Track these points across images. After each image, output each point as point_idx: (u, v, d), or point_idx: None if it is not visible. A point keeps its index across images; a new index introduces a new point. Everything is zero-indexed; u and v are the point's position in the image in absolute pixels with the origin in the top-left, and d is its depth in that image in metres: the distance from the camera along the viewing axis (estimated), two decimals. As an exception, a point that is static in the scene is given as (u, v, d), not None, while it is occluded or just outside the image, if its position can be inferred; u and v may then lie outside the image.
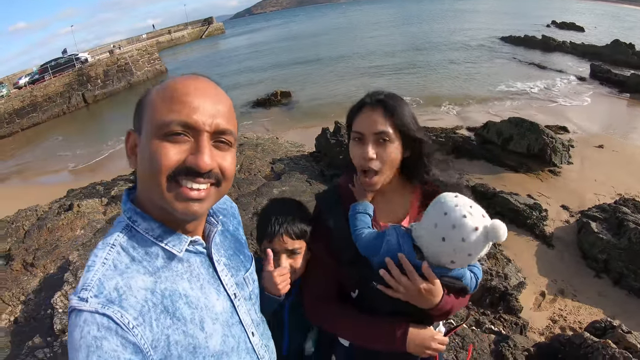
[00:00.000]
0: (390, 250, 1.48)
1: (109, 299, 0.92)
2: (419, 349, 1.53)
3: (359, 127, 1.60)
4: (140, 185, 1.09)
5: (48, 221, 7.84)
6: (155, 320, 0.97)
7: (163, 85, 1.07)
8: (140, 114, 1.07)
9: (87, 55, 36.27)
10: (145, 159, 1.01)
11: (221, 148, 1.06)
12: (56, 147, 20.93)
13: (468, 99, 18.48)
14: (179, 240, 1.10)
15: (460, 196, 1.42)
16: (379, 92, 1.64)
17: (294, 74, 29.22)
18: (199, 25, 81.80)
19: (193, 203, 1.02)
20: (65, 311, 5.23)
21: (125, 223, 1.08)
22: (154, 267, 1.04)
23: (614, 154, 11.30)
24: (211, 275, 1.19)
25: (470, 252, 1.35)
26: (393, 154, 1.58)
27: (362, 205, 1.63)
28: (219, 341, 1.11)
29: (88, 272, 0.96)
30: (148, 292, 0.99)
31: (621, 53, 23.66)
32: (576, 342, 3.39)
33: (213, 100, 1.05)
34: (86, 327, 0.87)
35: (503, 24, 44.09)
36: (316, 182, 8.62)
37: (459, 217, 1.35)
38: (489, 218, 1.35)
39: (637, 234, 6.56)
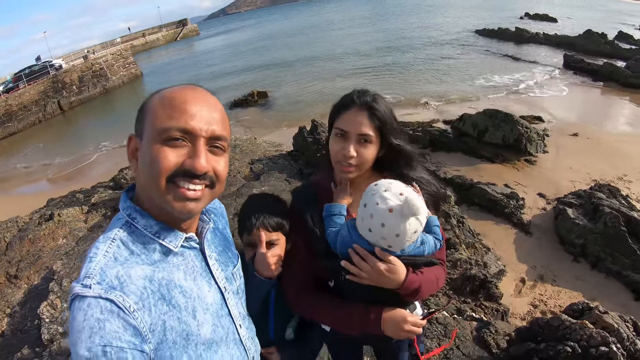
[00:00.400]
0: (344, 243, 1.57)
1: (111, 286, 0.98)
2: (393, 331, 1.60)
3: (343, 125, 1.69)
4: (140, 186, 1.17)
5: (29, 232, 7.74)
6: (153, 306, 1.04)
7: (163, 94, 1.14)
8: (142, 120, 1.14)
9: (62, 61, 35.60)
10: (147, 162, 1.09)
11: (216, 153, 1.15)
12: (33, 156, 20.50)
13: (445, 93, 18.63)
14: (175, 236, 1.18)
15: (380, 182, 1.50)
16: (367, 94, 1.72)
17: (270, 74, 29.13)
18: (173, 27, 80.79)
19: (189, 202, 1.11)
20: (52, 320, 5.20)
21: (125, 220, 1.15)
22: (152, 260, 1.12)
23: (588, 141, 11.55)
24: (203, 268, 1.27)
25: (396, 233, 1.42)
26: (372, 154, 1.70)
27: (337, 207, 1.71)
28: (209, 330, 1.18)
29: (90, 263, 1.02)
30: (146, 280, 1.06)
31: (594, 43, 24.07)
32: (554, 324, 3.50)
33: (209, 109, 1.14)
34: (90, 310, 0.93)
35: (476, 17, 44.46)
36: (295, 181, 8.66)
37: (373, 205, 1.43)
38: (410, 193, 1.42)
39: (613, 218, 6.74)
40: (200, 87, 1.19)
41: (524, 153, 10.42)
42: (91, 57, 36.57)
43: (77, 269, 6.13)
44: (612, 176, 9.37)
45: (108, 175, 13.49)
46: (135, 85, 36.45)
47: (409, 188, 1.47)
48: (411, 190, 1.46)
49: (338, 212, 1.70)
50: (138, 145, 1.14)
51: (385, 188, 1.44)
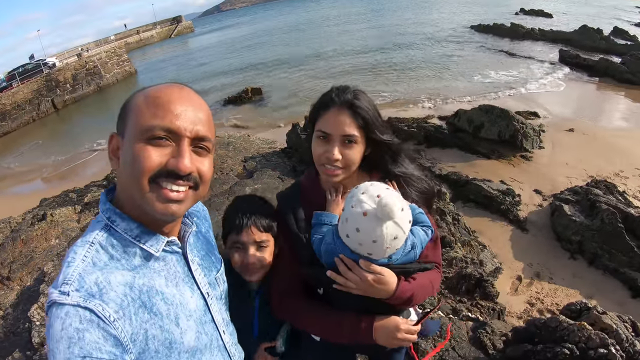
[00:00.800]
0: (328, 250, 1.51)
1: (90, 293, 0.94)
2: (386, 340, 1.54)
3: (325, 127, 1.60)
4: (121, 187, 1.14)
5: (22, 232, 7.70)
6: (134, 315, 1.00)
7: (147, 92, 1.11)
8: (124, 118, 1.11)
9: (55, 59, 35.40)
10: (128, 161, 1.06)
11: (200, 154, 1.13)
12: (27, 155, 20.43)
13: (441, 89, 18.59)
14: (157, 240, 1.15)
15: (361, 185, 1.42)
16: (346, 90, 1.63)
17: (264, 71, 29.03)
18: (167, 24, 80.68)
19: (172, 204, 1.08)
20: (42, 324, 5.14)
21: (104, 223, 1.11)
22: (132, 265, 1.08)
23: (584, 137, 11.51)
24: (186, 274, 1.24)
25: (372, 238, 1.35)
26: (357, 154, 1.61)
27: (328, 217, 1.64)
28: (193, 337, 1.15)
29: (68, 268, 0.98)
30: (127, 287, 1.02)
31: (589, 38, 24.06)
32: (552, 325, 3.44)
33: (194, 108, 1.11)
34: (68, 319, 0.89)
35: (472, 13, 44.47)
36: (288, 178, 8.62)
37: (349, 209, 1.37)
38: (389, 196, 1.35)
39: (610, 214, 6.71)
40: (186, 86, 1.16)
41: (520, 149, 10.40)
42: (85, 55, 36.38)
43: (69, 270, 6.08)
44: (609, 172, 9.34)
45: (102, 174, 13.45)
46: (130, 83, 36.31)
47: (390, 190, 1.39)
48: (391, 192, 1.38)
49: (328, 222, 1.62)
50: (120, 144, 1.11)
51: (364, 190, 1.38)
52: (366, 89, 1.72)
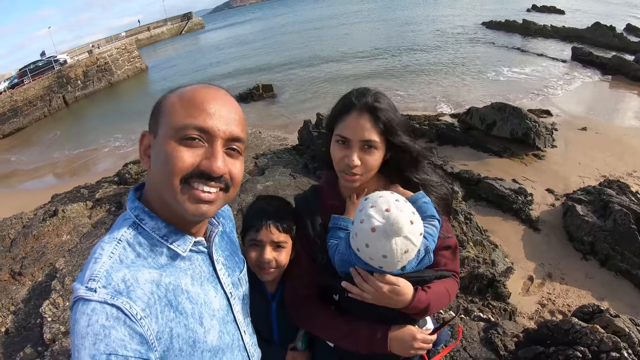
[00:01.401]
0: (342, 260, 1.49)
1: (117, 290, 0.94)
2: (401, 350, 1.52)
3: (344, 132, 1.56)
4: (151, 185, 1.14)
5: (34, 228, 7.76)
6: (160, 313, 1.00)
7: (182, 92, 1.12)
8: (157, 117, 1.12)
9: (66, 56, 35.69)
10: (160, 160, 1.06)
11: (232, 155, 1.13)
12: (38, 151, 20.61)
13: (453, 86, 18.49)
14: (184, 240, 1.15)
15: (371, 196, 1.40)
16: (366, 93, 1.58)
17: (275, 68, 28.91)
18: (178, 20, 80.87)
19: (203, 205, 1.08)
20: (54, 319, 5.19)
21: (132, 220, 1.11)
22: (158, 264, 1.08)
23: (597, 136, 11.39)
24: (211, 273, 1.24)
25: (382, 254, 1.32)
26: (377, 160, 1.57)
27: (345, 221, 1.61)
28: (216, 336, 1.16)
29: (95, 264, 0.98)
30: (153, 285, 1.02)
31: (602, 35, 23.78)
32: (564, 327, 3.42)
33: (228, 109, 1.11)
34: (94, 316, 0.89)
35: (483, 9, 44.13)
36: (300, 176, 8.61)
37: (358, 224, 1.35)
38: (398, 209, 1.31)
39: (623, 215, 6.64)
40: (220, 88, 1.16)
41: (533, 147, 10.32)
42: (96, 51, 36.59)
43: (80, 266, 6.12)
44: (622, 172, 9.25)
45: (113, 171, 13.55)
46: (141, 79, 36.55)
47: (400, 201, 1.35)
48: (401, 204, 1.34)
49: (344, 227, 1.59)
50: (151, 143, 1.11)
51: (372, 203, 1.35)
52: (378, 86, 1.69)
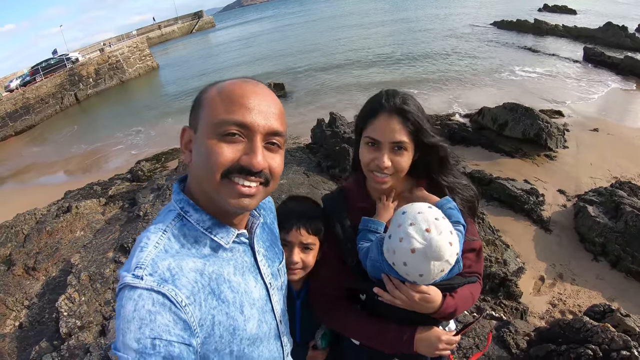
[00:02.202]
0: (374, 266, 1.51)
1: (163, 278, 0.98)
2: (427, 350, 1.55)
3: (374, 134, 1.58)
4: (194, 179, 1.17)
5: (47, 224, 7.84)
6: (204, 301, 1.03)
7: (221, 87, 1.13)
8: (197, 112, 1.14)
9: (78, 54, 35.99)
10: (202, 155, 1.08)
11: (272, 149, 1.14)
12: (50, 147, 20.79)
13: (465, 86, 18.43)
14: (227, 232, 1.18)
15: (408, 211, 1.40)
16: (395, 95, 1.60)
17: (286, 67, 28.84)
18: (189, 19, 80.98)
19: (245, 199, 1.10)
20: (70, 314, 5.26)
21: (177, 212, 1.14)
22: (202, 254, 1.11)
23: (609, 137, 11.31)
24: (252, 264, 1.27)
25: (419, 273, 1.35)
26: (407, 161, 1.60)
27: (375, 224, 1.63)
28: (255, 325, 1.19)
29: (141, 252, 1.02)
30: (197, 273, 1.06)
31: (614, 35, 23.56)
32: (576, 326, 3.44)
33: (267, 103, 1.12)
34: (141, 301, 0.93)
35: (495, 8, 43.82)
36: (313, 174, 8.66)
37: (397, 241, 1.36)
38: (437, 230, 1.33)
39: (634, 217, 6.60)
40: (258, 82, 1.18)
41: (544, 148, 10.28)
42: (107, 49, 36.84)
43: (95, 261, 6.20)
44: (633, 173, 9.18)
45: (125, 168, 13.65)
46: (152, 77, 36.67)
47: (439, 220, 1.36)
48: (440, 224, 1.35)
49: (375, 229, 1.62)
50: (192, 137, 1.14)
51: (412, 220, 1.35)
52: (392, 87, 1.71)
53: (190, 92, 26.08)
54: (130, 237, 6.48)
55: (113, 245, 6.61)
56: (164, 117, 21.11)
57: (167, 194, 7.51)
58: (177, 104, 23.67)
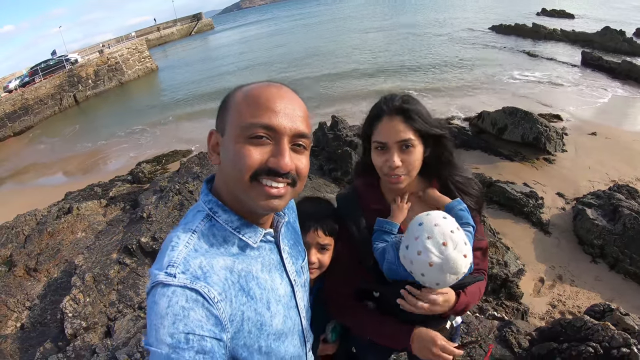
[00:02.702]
0: (391, 269, 1.58)
1: (195, 276, 1.01)
2: (420, 351, 1.59)
3: (380, 137, 1.63)
4: (222, 181, 1.19)
5: (48, 225, 7.85)
6: (234, 297, 1.07)
7: (247, 90, 1.16)
8: (224, 116, 1.17)
9: (77, 55, 35.87)
10: (230, 158, 1.11)
11: (298, 151, 1.17)
12: (50, 148, 20.74)
13: (464, 90, 18.51)
14: (255, 232, 1.21)
15: (425, 222, 1.45)
16: (394, 98, 1.65)
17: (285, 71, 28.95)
18: (188, 21, 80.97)
19: (274, 200, 1.12)
20: (75, 315, 5.28)
21: (206, 213, 1.17)
22: (230, 253, 1.14)
23: (606, 141, 11.39)
24: (278, 261, 1.30)
25: (435, 282, 1.42)
26: (418, 157, 1.64)
27: (390, 225, 1.69)
28: (280, 321, 1.22)
29: (172, 251, 1.05)
30: (227, 271, 1.09)
31: (612, 40, 23.68)
32: (577, 325, 3.50)
33: (293, 106, 1.15)
34: (174, 298, 0.95)
35: (493, 12, 43.99)
36: (315, 177, 8.70)
37: (415, 254, 1.41)
38: (453, 243, 1.39)
39: (632, 219, 6.68)
40: (283, 85, 1.20)
41: (543, 152, 10.37)
42: (107, 51, 36.77)
43: (99, 263, 6.22)
44: (631, 177, 9.26)
45: (125, 169, 13.65)
46: (151, 79, 36.63)
47: (455, 232, 1.42)
48: (456, 236, 1.41)
49: (389, 230, 1.68)
50: (219, 140, 1.17)
51: (429, 234, 1.41)
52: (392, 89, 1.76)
53: (190, 94, 26.16)
54: (134, 239, 6.49)
55: (117, 246, 6.62)
56: (164, 119, 21.11)
57: (170, 196, 7.52)
58: (177, 106, 23.73)
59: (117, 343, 4.41)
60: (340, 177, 8.98)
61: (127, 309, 5.43)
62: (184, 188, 7.66)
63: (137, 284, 5.81)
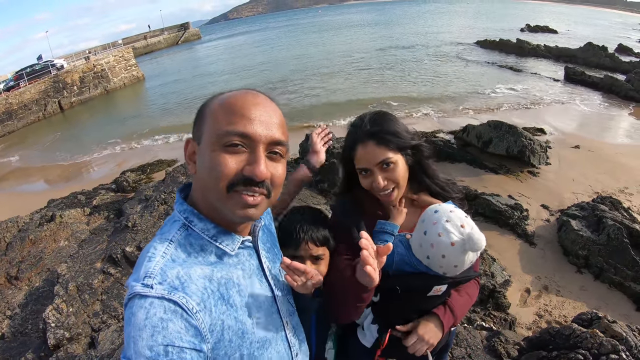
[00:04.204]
0: (401, 260, 1.62)
1: (173, 286, 1.00)
2: None
3: (361, 164, 1.72)
4: (198, 189, 1.18)
5: (30, 232, 7.70)
6: (214, 307, 1.05)
7: (222, 99, 1.16)
8: (200, 124, 1.16)
9: (63, 61, 35.48)
10: (206, 167, 1.10)
11: (274, 159, 1.16)
12: (33, 154, 20.39)
13: (449, 104, 18.69)
14: (232, 240, 1.20)
15: (440, 210, 1.53)
16: (363, 122, 1.73)
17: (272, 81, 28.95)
18: (175, 30, 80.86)
19: (250, 209, 1.11)
20: (58, 325, 5.16)
21: (182, 222, 1.16)
22: (208, 262, 1.13)
23: (589, 153, 11.61)
24: (257, 266, 1.29)
25: (454, 264, 1.48)
26: (401, 172, 1.71)
27: (390, 226, 1.73)
28: (262, 327, 1.20)
29: (149, 262, 1.04)
30: (206, 280, 1.08)
31: (594, 55, 24.26)
32: (565, 333, 3.53)
33: (268, 114, 1.15)
34: (152, 309, 0.94)
35: (478, 28, 44.78)
36: (302, 189, 8.66)
37: (435, 236, 1.48)
38: (469, 226, 1.47)
39: (616, 230, 6.77)
40: (260, 93, 1.20)
41: (528, 165, 10.48)
42: (93, 58, 36.49)
43: (83, 272, 6.11)
44: (614, 188, 9.43)
45: (109, 177, 13.50)
46: (137, 88, 36.34)
47: (468, 218, 1.51)
48: (469, 220, 1.50)
49: (390, 231, 1.72)
50: (196, 149, 1.16)
51: (447, 218, 1.48)
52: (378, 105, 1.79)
53: (176, 104, 25.95)
54: (118, 248, 6.38)
55: (101, 255, 6.50)
56: (150, 128, 20.87)
57: (155, 205, 7.43)
58: (163, 116, 23.50)
59: (102, 354, 4.33)
60: (327, 188, 8.97)
61: (111, 319, 5.32)
62: (169, 197, 7.58)
63: (121, 294, 5.70)
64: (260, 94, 1.20)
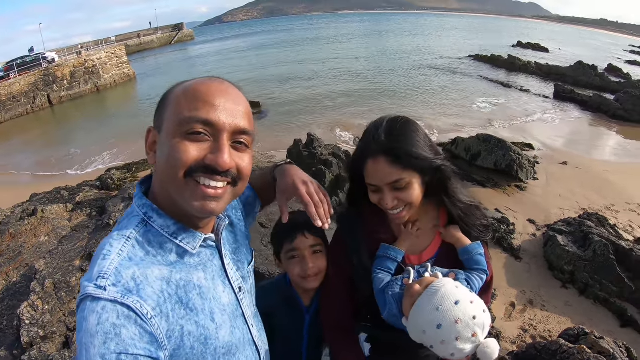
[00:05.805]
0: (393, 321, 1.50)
1: (127, 289, 0.93)
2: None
3: (370, 180, 1.52)
4: (158, 182, 1.12)
5: (10, 226, 7.57)
6: (171, 311, 0.99)
7: (186, 85, 1.09)
8: (162, 112, 1.10)
9: (55, 55, 35.16)
10: (165, 154, 1.03)
11: (239, 149, 1.10)
12: (15, 148, 20.13)
13: (438, 116, 18.81)
14: (193, 237, 1.13)
15: (443, 318, 1.27)
16: (377, 131, 1.50)
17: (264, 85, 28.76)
18: (169, 30, 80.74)
19: (210, 202, 1.04)
20: (32, 323, 5.03)
21: (141, 218, 1.09)
22: (168, 261, 1.06)
23: (577, 170, 11.72)
24: (220, 268, 1.23)
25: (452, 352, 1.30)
26: (415, 193, 1.50)
27: (395, 252, 1.59)
28: (227, 332, 1.14)
29: (104, 261, 0.96)
30: (164, 282, 1.01)
31: (584, 74, 24.59)
32: (552, 348, 3.49)
33: (234, 102, 1.09)
34: (105, 314, 0.88)
35: (471, 43, 45.34)
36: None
37: (452, 342, 1.27)
38: (481, 328, 1.27)
39: (602, 246, 6.79)
40: (224, 80, 1.15)
41: (515, 179, 10.51)
42: (85, 53, 36.18)
43: (61, 269, 5.98)
44: (600, 205, 9.49)
45: (94, 174, 13.36)
46: (128, 86, 36.13)
47: (478, 315, 1.28)
48: (480, 318, 1.28)
49: (394, 257, 1.58)
50: (157, 138, 1.09)
51: (456, 335, 1.26)
52: (364, 116, 1.69)
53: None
54: (99, 246, 6.28)
55: (80, 253, 6.37)
56: (137, 125, 20.69)
57: (137, 203, 7.33)
58: (152, 114, 23.28)
59: (75, 355, 4.21)
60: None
61: (88, 318, 5.20)
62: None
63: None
64: (225, 81, 1.15)
